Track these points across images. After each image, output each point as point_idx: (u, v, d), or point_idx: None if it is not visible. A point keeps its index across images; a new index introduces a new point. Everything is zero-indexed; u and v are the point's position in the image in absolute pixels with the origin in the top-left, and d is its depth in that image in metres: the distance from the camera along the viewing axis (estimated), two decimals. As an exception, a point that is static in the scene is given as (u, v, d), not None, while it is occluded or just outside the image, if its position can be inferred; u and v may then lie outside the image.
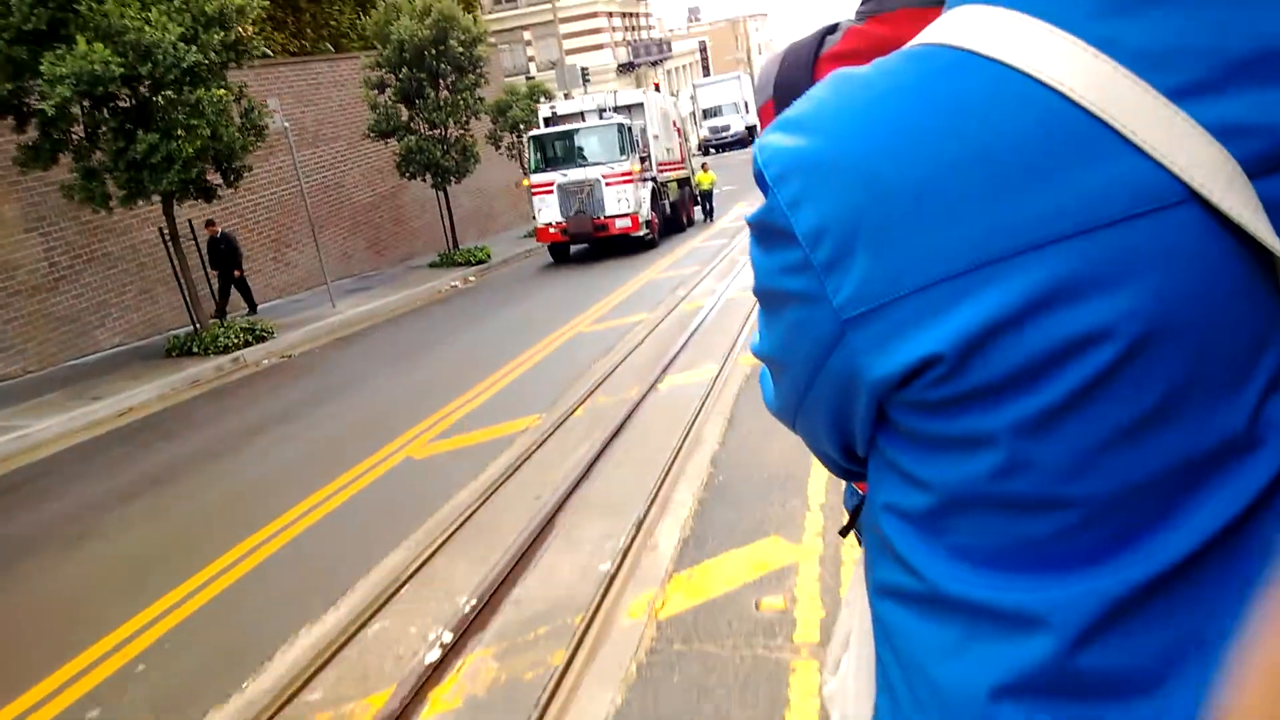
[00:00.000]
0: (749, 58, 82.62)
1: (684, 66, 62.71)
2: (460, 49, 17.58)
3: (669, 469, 5.39)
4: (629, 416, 6.67)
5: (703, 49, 65.15)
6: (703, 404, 6.71)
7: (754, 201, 17.05)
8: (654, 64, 51.42)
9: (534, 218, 18.31)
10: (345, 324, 13.54)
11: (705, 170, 22.02)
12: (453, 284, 17.20)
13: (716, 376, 7.48)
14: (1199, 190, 0.55)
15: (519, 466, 5.86)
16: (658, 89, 46.29)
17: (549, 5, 42.95)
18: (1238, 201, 0.55)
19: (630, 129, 18.01)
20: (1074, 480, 0.60)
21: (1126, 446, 0.59)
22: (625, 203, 17.73)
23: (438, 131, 18.25)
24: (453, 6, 17.53)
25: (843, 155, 0.61)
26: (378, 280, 18.07)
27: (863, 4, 1.06)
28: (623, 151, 17.76)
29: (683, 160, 22.86)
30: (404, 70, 17.57)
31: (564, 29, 43.19)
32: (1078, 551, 0.62)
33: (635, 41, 48.34)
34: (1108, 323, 0.56)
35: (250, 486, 6.45)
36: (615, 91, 19.65)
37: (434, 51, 17.41)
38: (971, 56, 0.60)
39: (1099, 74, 0.57)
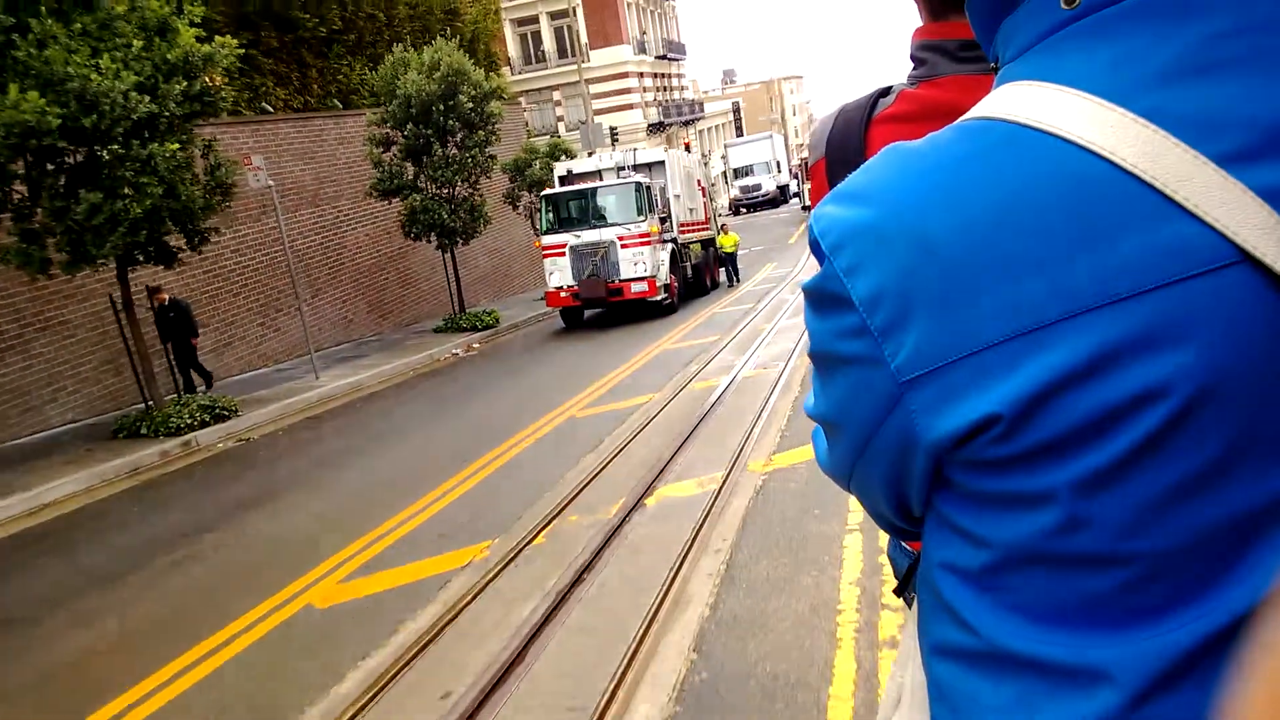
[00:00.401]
0: (783, 118, 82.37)
1: (717, 127, 62.31)
2: (470, 104, 16.58)
3: (631, 655, 3.88)
4: (600, 550, 5.19)
5: (736, 110, 64.78)
6: (695, 534, 5.21)
7: (783, 262, 18.08)
8: (686, 124, 50.87)
9: (548, 281, 17.10)
10: (323, 398, 12.26)
11: (726, 232, 20.78)
12: (454, 352, 15.96)
13: (719, 491, 5.99)
14: (1251, 251, 0.57)
15: (440, 629, 4.38)
16: (689, 149, 45.72)
17: (576, 65, 42.70)
18: None
19: (649, 188, 16.83)
20: (1134, 536, 0.61)
21: (1185, 502, 0.60)
22: (642, 265, 16.45)
23: (445, 190, 17.21)
24: (463, 61, 16.60)
25: (897, 224, 0.64)
26: (375, 347, 16.88)
27: (914, 68, 1.14)
28: (640, 212, 16.55)
29: (707, 221, 21.64)
30: (410, 126, 16.60)
31: (593, 89, 42.80)
32: (1139, 607, 0.62)
33: (666, 102, 47.86)
34: (1162, 381, 0.58)
35: (112, 639, 5.04)
36: (635, 149, 18.57)
37: (442, 107, 16.43)
38: (1023, 129, 0.62)
39: (1149, 142, 0.59)
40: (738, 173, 45.77)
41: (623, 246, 16.43)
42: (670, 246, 17.55)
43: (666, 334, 15.04)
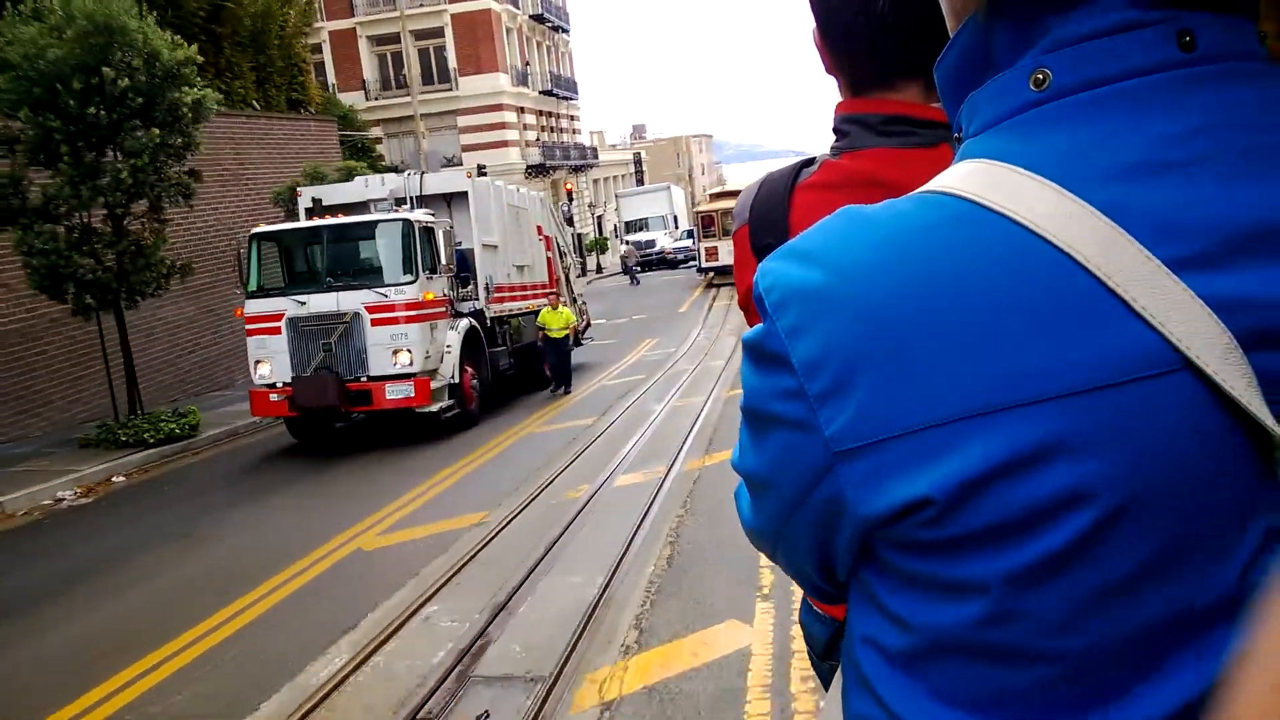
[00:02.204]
0: (690, 176, 78.18)
1: (616, 178, 57.10)
2: (129, 82, 10.12)
3: None
4: None
5: (638, 161, 59.89)
6: None
7: (667, 338, 18.46)
8: (575, 170, 45.30)
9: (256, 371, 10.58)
10: None
11: (556, 308, 13.81)
12: (61, 496, 9.26)
13: None
14: (1194, 360, 0.56)
15: None
16: (571, 196, 39.99)
17: (447, 93, 36.63)
18: (1231, 374, 0.56)
19: (430, 231, 10.62)
20: (1061, 634, 0.60)
21: (1113, 604, 0.59)
22: (406, 355, 10.15)
23: (92, 220, 10.64)
24: (113, 10, 10.10)
25: (846, 291, 0.62)
26: (-53, 476, 10.01)
27: (837, 140, 1.18)
28: (410, 267, 10.32)
29: (553, 285, 15.58)
30: (25, 112, 10.04)
31: (462, 121, 36.76)
32: (1060, 704, 0.61)
33: (552, 143, 42.21)
34: (1093, 484, 0.57)
35: None
36: (422, 174, 12.35)
37: (79, 85, 9.93)
38: (981, 210, 0.61)
39: (1105, 239, 0.58)
40: (630, 227, 40.26)
41: (374, 322, 10.13)
42: (466, 323, 11.32)
43: (443, 469, 8.79)
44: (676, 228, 38.36)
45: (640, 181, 60.29)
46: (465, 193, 12.10)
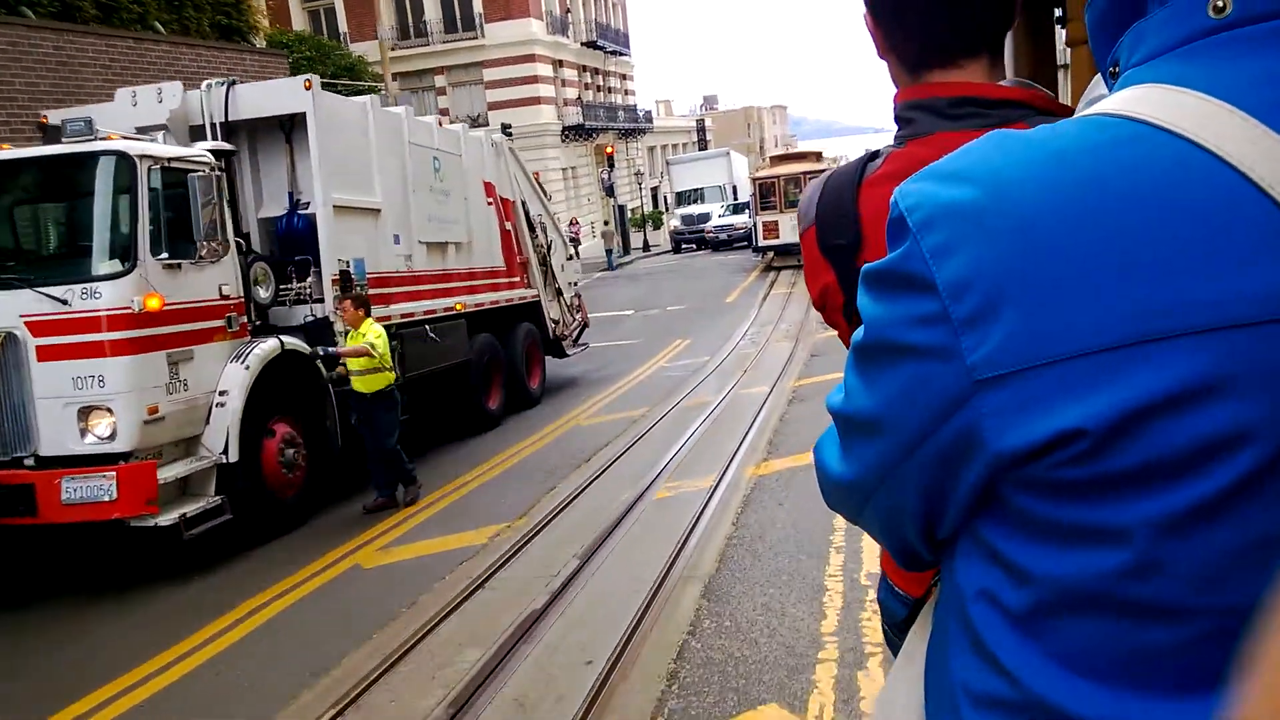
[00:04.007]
0: (760, 148, 71.77)
1: (676, 146, 51.50)
2: None
3: None
4: None
5: (701, 129, 54.07)
6: None
7: (704, 338, 14.34)
8: (624, 135, 39.95)
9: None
10: None
11: (361, 323, 6.49)
12: None
13: None
14: None
15: None
16: (612, 161, 34.66)
17: (472, 42, 31.64)
18: None
19: (174, 178, 5.55)
20: (1205, 589, 0.56)
21: (1262, 560, 0.55)
22: (104, 418, 5.13)
23: None
24: None
25: (1001, 205, 0.59)
26: None
27: (901, 129, 1.12)
28: (118, 249, 5.29)
29: (514, 272, 10.45)
30: None
31: (489, 74, 31.76)
32: (1195, 670, 0.57)
33: (595, 103, 36.95)
34: (1261, 424, 0.53)
35: None
36: (232, 85, 7.14)
37: None
38: (1153, 129, 0.58)
39: None
40: (682, 199, 34.77)
41: (43, 353, 5.15)
42: (268, 349, 6.19)
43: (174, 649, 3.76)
44: (736, 199, 32.70)
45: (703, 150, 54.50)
46: (304, 114, 6.88)
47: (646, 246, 35.03)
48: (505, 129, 28.62)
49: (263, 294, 6.43)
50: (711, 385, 10.95)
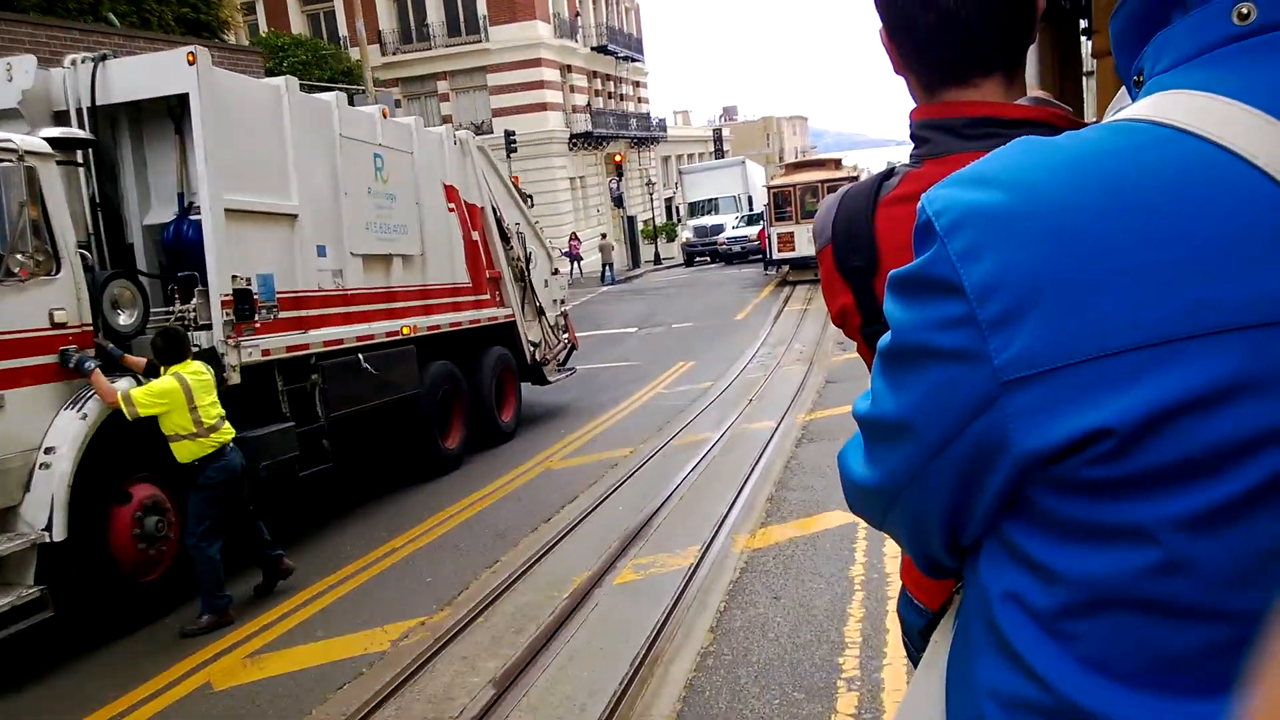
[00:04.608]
0: (780, 158, 70.21)
1: (693, 156, 50.15)
2: None
3: None
4: None
5: (718, 139, 52.69)
6: None
7: (709, 358, 12.73)
8: (637, 143, 38.67)
9: None
10: None
11: (141, 381, 4.89)
12: None
13: None
14: None
15: None
16: (620, 170, 33.34)
17: (476, 45, 30.50)
18: None
19: None
20: (1233, 590, 0.56)
21: None
22: None
23: None
24: None
25: (1030, 210, 0.59)
26: None
27: (916, 148, 1.11)
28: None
29: (482, 289, 9.10)
30: None
31: (494, 79, 30.60)
32: (1222, 674, 0.56)
33: (606, 110, 35.68)
34: None
35: None
36: (101, 59, 5.75)
37: None
38: (1181, 133, 0.58)
39: None
40: (695, 209, 33.37)
41: None
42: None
43: None
44: (751, 209, 31.26)
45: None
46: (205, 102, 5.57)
47: (658, 259, 33.66)
48: (509, 136, 27.26)
49: (124, 320, 5.10)
50: (711, 418, 9.55)
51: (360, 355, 6.90)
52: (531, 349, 10.04)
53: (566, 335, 11.43)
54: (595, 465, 7.98)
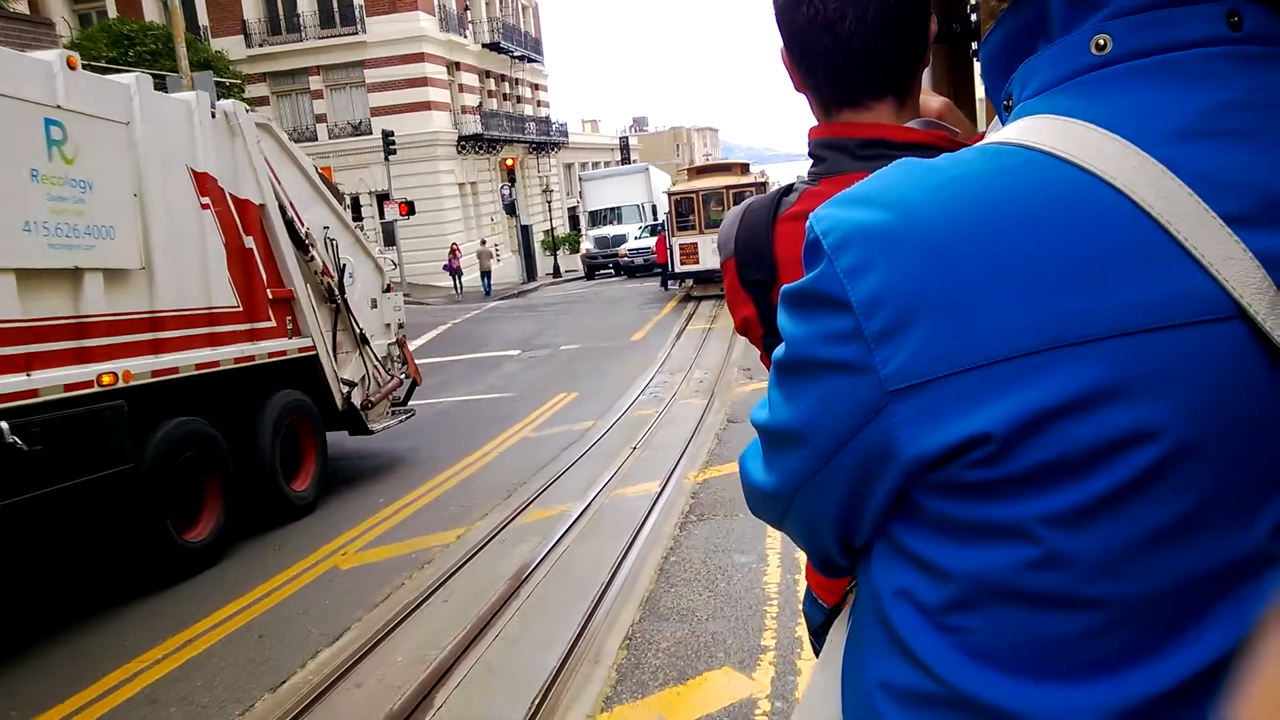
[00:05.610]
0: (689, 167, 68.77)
1: (599, 164, 48.07)
2: None
3: None
4: None
5: (624, 147, 50.84)
6: None
7: (591, 397, 10.56)
8: (535, 148, 36.34)
9: None
10: None
11: None
12: None
13: None
14: (1246, 308, 0.58)
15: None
16: (513, 176, 30.92)
17: (352, 38, 27.78)
18: (1278, 324, 0.58)
19: None
20: (1106, 580, 0.60)
21: (1160, 550, 0.59)
22: None
23: None
24: None
25: (910, 226, 0.62)
26: None
27: (814, 165, 1.16)
28: None
29: (259, 314, 6.69)
30: None
31: (372, 75, 27.92)
32: (1098, 657, 0.61)
33: (501, 113, 33.24)
34: (1155, 424, 0.57)
35: None
36: None
37: None
38: (1046, 156, 0.62)
39: (1168, 189, 0.59)
40: (596, 218, 31.20)
41: None
42: None
43: None
44: (655, 217, 29.28)
45: (627, 169, 51.10)
46: None
47: (557, 272, 31.35)
48: (387, 136, 24.51)
49: None
50: (579, 477, 7.38)
51: (5, 424, 4.45)
52: (344, 390, 7.67)
53: (407, 367, 9.09)
54: (399, 562, 5.68)
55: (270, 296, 6.83)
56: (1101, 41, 0.64)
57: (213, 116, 6.40)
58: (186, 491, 5.85)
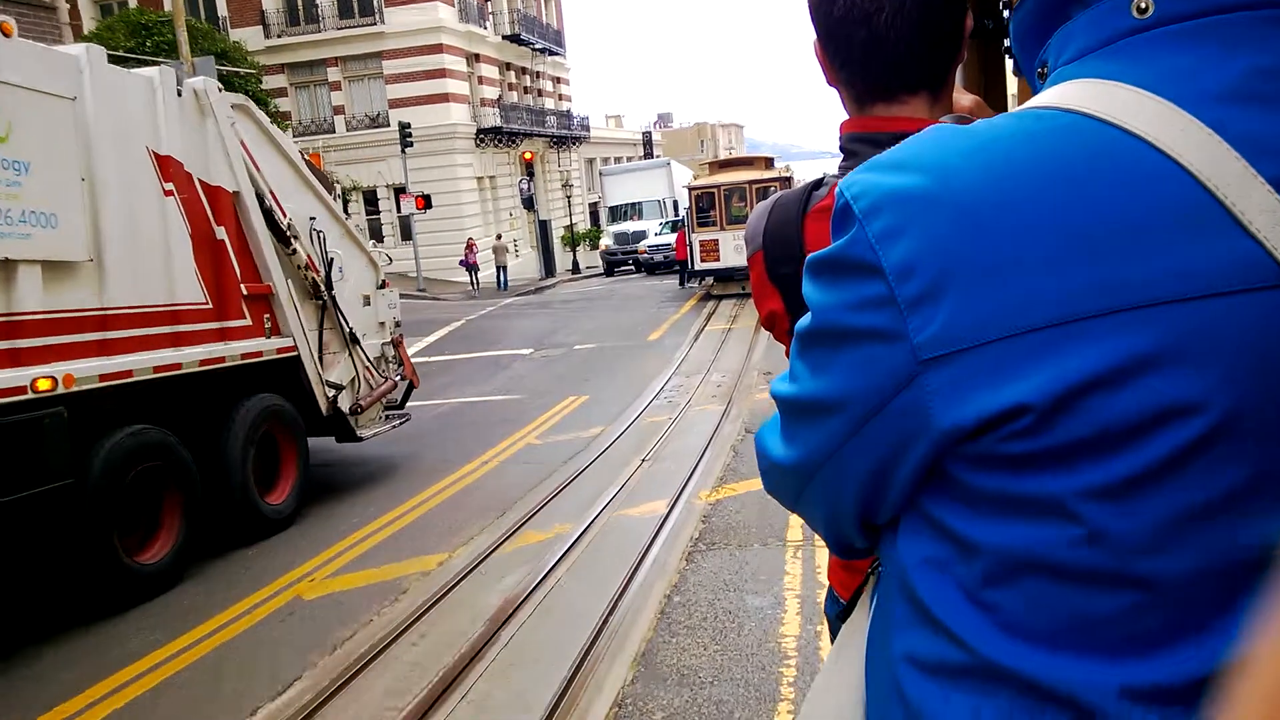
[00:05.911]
0: (715, 164, 67.94)
1: (621, 159, 47.40)
2: None
3: None
4: None
5: (647, 142, 50.13)
6: None
7: (599, 403, 10.04)
8: (555, 142, 35.75)
9: None
10: None
11: None
12: None
13: None
14: None
15: None
16: (531, 170, 30.36)
17: (370, 28, 27.32)
18: None
19: None
20: (1145, 557, 0.57)
21: (1202, 528, 0.57)
22: None
23: None
24: None
25: (946, 191, 0.60)
26: None
27: (844, 159, 1.15)
28: None
29: (231, 311, 6.10)
30: None
31: (390, 66, 27.44)
32: (1137, 636, 0.59)
33: (520, 105, 32.65)
34: (1202, 395, 0.55)
35: None
36: None
37: None
38: (1086, 119, 0.60)
39: (1214, 151, 0.57)
40: (616, 214, 30.53)
41: None
42: None
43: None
44: (676, 212, 28.57)
45: (650, 165, 50.35)
46: None
47: (576, 268, 30.74)
48: (404, 128, 23.93)
49: None
50: (581, 493, 6.76)
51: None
52: (330, 394, 7.08)
53: (402, 369, 8.50)
54: (371, 592, 5.08)
55: (245, 292, 6.25)
56: (1144, 4, 0.62)
57: (179, 94, 5.81)
58: (142, 507, 5.28)
